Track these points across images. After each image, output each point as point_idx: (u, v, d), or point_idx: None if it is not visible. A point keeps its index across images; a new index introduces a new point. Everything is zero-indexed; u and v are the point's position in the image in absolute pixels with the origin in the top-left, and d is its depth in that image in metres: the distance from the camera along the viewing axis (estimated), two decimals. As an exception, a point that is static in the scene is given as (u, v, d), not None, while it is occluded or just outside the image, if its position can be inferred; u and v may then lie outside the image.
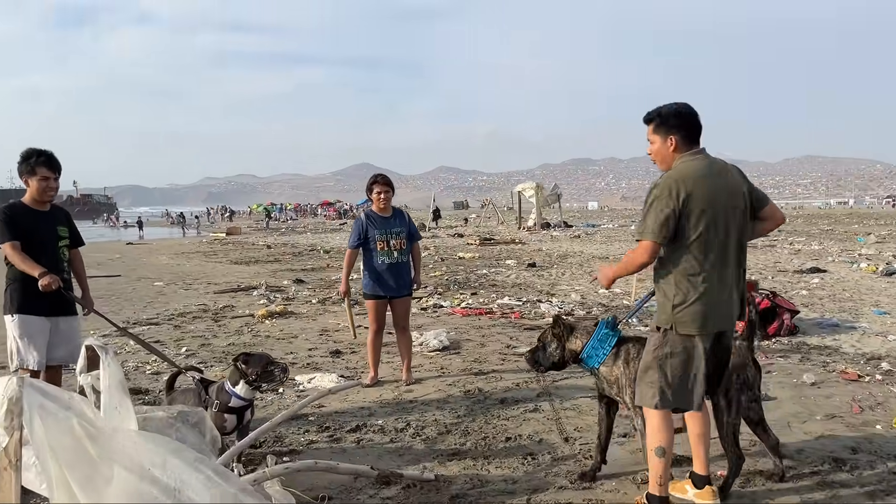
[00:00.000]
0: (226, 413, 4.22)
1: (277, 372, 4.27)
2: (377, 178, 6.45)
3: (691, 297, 3.38)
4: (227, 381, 4.31)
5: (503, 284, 14.06)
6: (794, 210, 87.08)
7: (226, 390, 4.27)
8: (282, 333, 9.35)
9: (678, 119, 3.48)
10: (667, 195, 3.34)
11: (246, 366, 4.25)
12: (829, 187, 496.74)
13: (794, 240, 24.14)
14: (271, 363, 4.28)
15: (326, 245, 27.43)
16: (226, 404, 4.24)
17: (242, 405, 4.28)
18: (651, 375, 3.51)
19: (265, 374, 4.23)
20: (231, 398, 4.24)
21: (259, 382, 4.25)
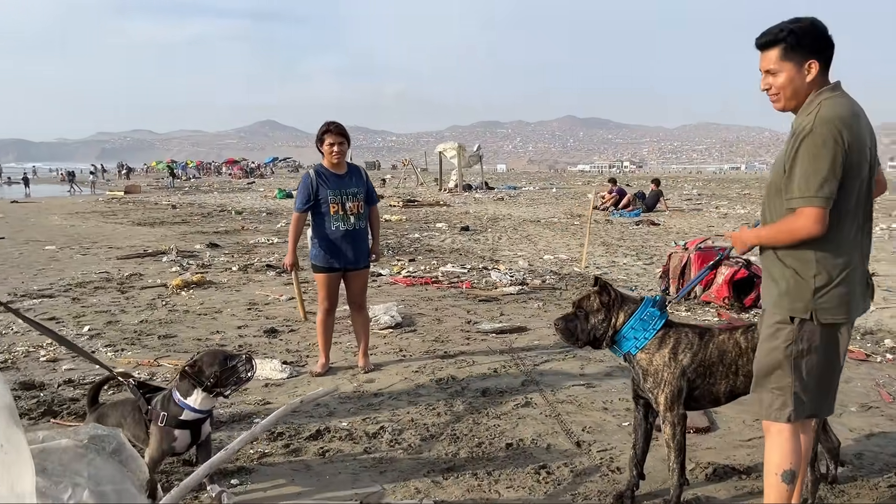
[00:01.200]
0: (176, 429, 3.24)
1: (241, 367, 3.30)
2: (329, 127, 5.35)
3: (837, 276, 2.57)
4: (175, 391, 3.31)
5: (440, 250, 13.15)
6: (696, 174, 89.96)
7: (175, 401, 3.28)
8: (202, 308, 8.13)
9: (820, 39, 2.62)
10: (832, 144, 2.49)
11: (197, 371, 3.26)
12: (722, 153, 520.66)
13: (718, 203, 24.34)
14: (228, 358, 3.31)
15: (237, 206, 25.68)
16: (176, 418, 3.25)
17: (198, 418, 3.30)
18: (780, 379, 2.68)
19: (226, 375, 3.26)
20: (183, 411, 3.26)
21: (221, 388, 3.28)
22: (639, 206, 20.78)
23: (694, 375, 3.22)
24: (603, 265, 11.12)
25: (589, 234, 11.68)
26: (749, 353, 3.22)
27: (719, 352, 3.24)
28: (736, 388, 3.26)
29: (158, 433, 3.25)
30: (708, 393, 3.27)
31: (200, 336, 6.83)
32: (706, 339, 3.26)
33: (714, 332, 3.30)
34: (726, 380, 3.24)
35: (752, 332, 3.25)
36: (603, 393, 4.99)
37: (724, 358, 3.23)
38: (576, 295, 8.61)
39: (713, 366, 3.23)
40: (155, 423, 3.26)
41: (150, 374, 5.57)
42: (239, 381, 3.31)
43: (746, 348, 3.22)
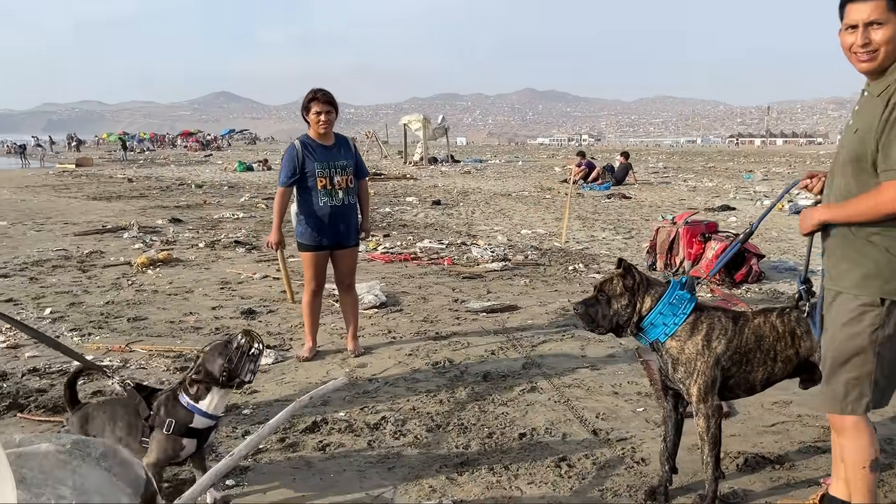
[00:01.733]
0: (185, 437, 2.90)
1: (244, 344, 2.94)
2: (316, 94, 4.95)
3: None
4: (182, 394, 2.94)
5: (414, 224, 12.82)
6: (654, 148, 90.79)
7: (183, 405, 2.92)
8: (172, 287, 7.70)
9: None
10: None
11: (205, 374, 2.92)
12: (678, 126, 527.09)
13: (685, 177, 24.39)
14: (227, 344, 2.96)
15: (197, 179, 24.88)
16: (186, 425, 2.89)
17: (210, 425, 2.97)
18: (859, 367, 2.45)
19: (240, 361, 2.91)
20: (193, 416, 2.90)
21: (238, 378, 2.93)
22: (608, 180, 20.67)
23: (729, 363, 2.98)
24: (582, 240, 10.92)
25: (568, 208, 11.46)
26: (787, 336, 3.00)
27: (756, 337, 3.00)
28: (773, 374, 3.04)
29: (164, 442, 2.87)
30: (744, 381, 3.04)
31: (173, 318, 6.42)
32: (741, 323, 3.02)
33: (748, 316, 3.07)
34: (764, 366, 3.02)
35: (787, 315, 3.03)
36: (610, 376, 4.77)
37: (761, 343, 3.00)
38: (559, 270, 8.44)
39: (750, 352, 3.00)
40: (159, 431, 2.88)
41: (123, 361, 5.18)
42: (252, 358, 2.95)
43: (784, 332, 3.01)
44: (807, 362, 3.01)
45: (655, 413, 4.10)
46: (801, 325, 2.99)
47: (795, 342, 2.99)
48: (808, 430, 3.82)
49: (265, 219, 13.73)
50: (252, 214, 14.49)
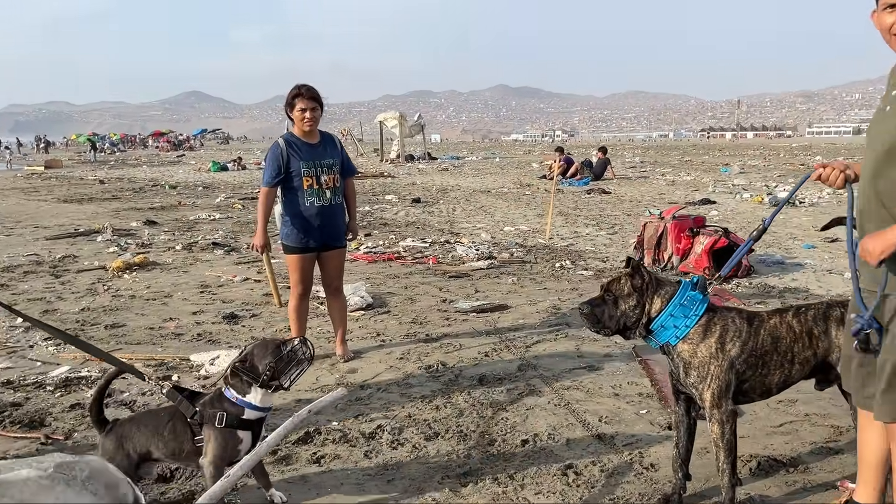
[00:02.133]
0: (239, 430, 2.80)
1: (298, 350, 2.87)
2: (300, 90, 4.76)
3: None
4: (228, 391, 2.85)
5: (395, 223, 12.64)
6: (630, 143, 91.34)
7: (231, 400, 2.82)
8: (150, 292, 7.45)
9: None
10: None
11: (250, 366, 2.84)
12: (650, 121, 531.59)
13: (662, 171, 24.46)
14: (281, 344, 2.88)
15: (170, 180, 24.43)
16: (238, 417, 2.79)
17: (261, 416, 2.89)
18: None
19: (282, 364, 2.83)
20: (244, 410, 2.81)
21: (280, 380, 2.84)
22: (587, 175, 20.65)
23: (744, 367, 2.85)
24: (566, 236, 10.83)
25: (552, 205, 11.36)
26: (804, 337, 2.89)
27: (772, 338, 2.88)
28: (790, 377, 2.92)
29: (220, 436, 2.75)
30: (759, 385, 2.92)
31: (153, 324, 6.20)
32: (756, 324, 2.90)
33: (763, 317, 2.95)
34: (780, 369, 2.90)
35: (804, 315, 2.92)
36: (609, 376, 4.65)
37: (778, 345, 2.88)
38: (546, 268, 8.31)
39: (766, 354, 2.87)
40: (211, 426, 2.76)
41: (102, 371, 4.95)
42: (300, 365, 2.86)
43: (801, 332, 2.89)
44: (823, 363, 2.90)
45: (659, 415, 3.99)
46: (818, 324, 2.89)
47: (813, 343, 2.88)
48: (817, 429, 3.73)
49: (242, 219, 13.48)
50: (229, 215, 14.21)
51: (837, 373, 2.91)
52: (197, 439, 2.79)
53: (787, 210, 13.24)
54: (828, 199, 14.58)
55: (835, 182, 2.64)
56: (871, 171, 2.37)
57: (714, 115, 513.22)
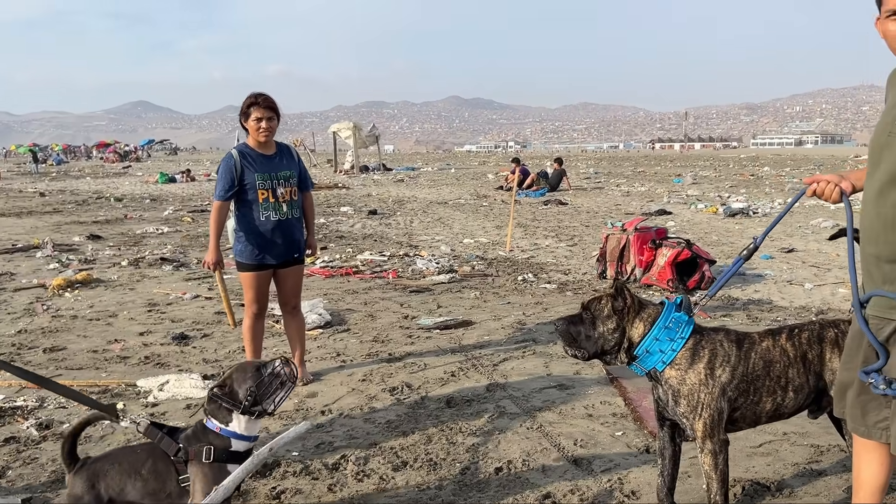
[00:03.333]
0: (228, 463, 2.54)
1: (280, 371, 2.64)
2: (256, 100, 4.50)
3: None
4: (210, 421, 2.60)
5: (352, 236, 12.37)
6: (583, 153, 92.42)
7: (214, 431, 2.58)
8: (93, 311, 7.05)
9: None
10: None
11: (229, 392, 2.61)
12: (601, 132, 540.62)
13: (617, 182, 24.66)
14: (261, 367, 2.65)
15: (116, 192, 23.66)
16: (226, 450, 2.55)
17: (249, 447, 2.65)
18: None
19: (263, 388, 2.60)
20: (230, 441, 2.58)
21: (262, 406, 2.61)
22: (543, 186, 20.67)
23: (735, 394, 2.69)
24: (527, 248, 10.72)
25: (512, 217, 11.25)
26: (798, 362, 2.74)
27: (764, 363, 2.73)
28: (783, 406, 2.77)
29: (209, 472, 2.49)
30: (750, 413, 2.76)
31: (96, 346, 5.83)
32: (745, 347, 2.74)
33: (754, 339, 2.79)
34: (773, 396, 2.74)
35: (797, 338, 2.78)
36: (580, 396, 4.49)
37: (770, 370, 2.73)
38: (509, 281, 8.11)
39: (757, 380, 2.72)
40: (197, 463, 2.50)
41: (39, 400, 4.59)
42: (283, 387, 2.64)
43: (795, 357, 2.75)
44: (817, 389, 2.77)
45: (636, 437, 3.84)
46: (812, 347, 2.75)
47: (807, 368, 2.74)
48: (797, 449, 3.62)
49: (192, 233, 13.04)
50: (178, 228, 13.74)
51: (830, 399, 2.78)
52: (182, 479, 2.52)
53: (741, 220, 13.41)
54: (779, 210, 14.79)
55: (830, 196, 2.52)
56: (875, 192, 2.24)
57: (662, 126, 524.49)
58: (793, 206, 2.97)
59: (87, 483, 2.51)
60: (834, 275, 8.16)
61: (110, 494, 2.52)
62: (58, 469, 3.61)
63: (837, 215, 13.06)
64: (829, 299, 7.00)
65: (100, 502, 2.51)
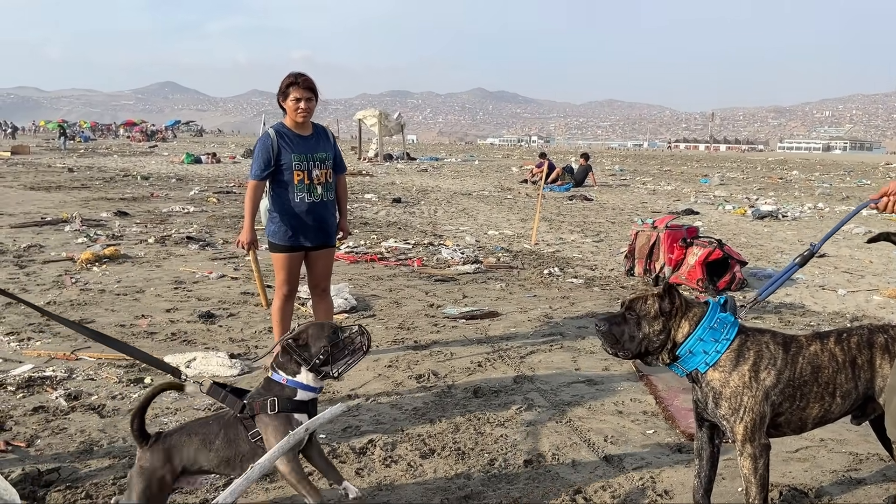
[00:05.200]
0: (295, 413, 2.61)
1: (355, 339, 2.71)
2: (296, 79, 4.46)
3: None
4: (276, 374, 2.66)
5: (376, 223, 12.35)
6: (607, 150, 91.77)
7: (279, 382, 2.65)
8: (120, 287, 7.09)
9: None
10: None
11: (303, 345, 2.66)
12: (625, 130, 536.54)
13: (643, 180, 24.44)
14: (339, 330, 2.72)
15: (142, 170, 23.85)
16: (291, 399, 2.64)
17: (313, 397, 2.73)
18: None
19: (337, 350, 2.67)
20: (296, 391, 2.66)
21: (333, 366, 2.67)
22: (568, 181, 20.52)
23: (780, 398, 2.61)
24: (552, 242, 10.63)
25: (539, 210, 11.17)
26: (847, 367, 2.66)
27: (812, 367, 2.64)
28: (830, 412, 2.68)
29: (278, 423, 2.56)
30: (796, 419, 2.68)
31: (123, 321, 5.86)
32: (793, 351, 2.66)
33: (801, 342, 2.70)
34: (820, 402, 2.65)
35: (846, 342, 2.69)
36: (610, 392, 4.43)
37: (818, 375, 2.64)
38: (534, 274, 8.04)
39: (805, 385, 2.63)
40: (264, 416, 2.57)
41: (68, 371, 4.61)
42: (353, 355, 2.70)
43: (844, 362, 2.66)
44: (864, 396, 2.69)
45: (668, 436, 3.77)
46: (862, 353, 2.67)
47: (856, 374, 2.66)
48: (835, 456, 3.54)
49: (218, 213, 13.09)
50: (203, 208, 13.80)
51: (876, 405, 2.71)
52: (252, 434, 2.59)
53: (770, 223, 13.21)
54: (809, 214, 14.59)
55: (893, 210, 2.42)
56: None
57: (688, 126, 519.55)
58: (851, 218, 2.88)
59: (163, 456, 2.56)
60: (867, 281, 8.00)
61: (185, 465, 2.59)
62: (86, 440, 3.63)
63: (870, 221, 12.82)
64: (863, 306, 6.86)
65: (174, 474, 2.57)
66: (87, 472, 3.31)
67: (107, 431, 3.75)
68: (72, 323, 2.88)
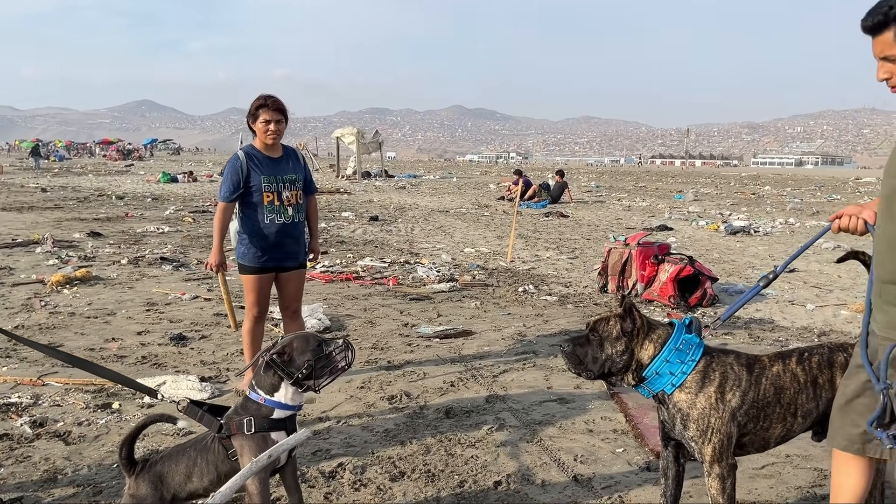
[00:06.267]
0: (271, 432, 2.61)
1: (337, 354, 2.69)
2: (266, 101, 4.48)
3: None
4: (254, 392, 2.66)
5: (352, 241, 12.33)
6: (584, 167, 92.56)
7: (256, 401, 2.63)
8: (91, 309, 7.01)
9: None
10: None
11: (287, 360, 2.65)
12: (602, 146, 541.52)
13: (618, 196, 24.66)
14: (323, 343, 2.70)
15: (118, 190, 23.65)
16: (267, 418, 2.63)
17: (291, 414, 2.72)
18: None
19: (321, 364, 2.66)
20: (273, 410, 2.65)
21: (316, 379, 2.67)
22: (545, 198, 20.66)
23: (745, 419, 2.64)
24: (528, 259, 10.68)
25: (515, 227, 11.23)
26: (808, 387, 2.70)
27: (775, 389, 2.67)
28: (792, 431, 2.72)
29: (253, 444, 2.55)
30: (759, 439, 2.71)
31: (93, 345, 5.79)
32: (756, 372, 2.69)
33: (764, 363, 2.73)
34: (783, 422, 2.69)
35: (807, 362, 2.73)
36: (581, 411, 4.45)
37: (781, 396, 2.67)
38: (509, 292, 8.04)
39: (768, 406, 2.66)
40: (240, 435, 2.56)
41: (34, 397, 4.54)
42: (335, 370, 2.68)
43: (806, 382, 2.70)
44: (825, 414, 2.73)
45: (636, 454, 3.80)
46: (823, 372, 2.71)
47: (817, 393, 2.70)
48: (800, 472, 3.58)
49: (193, 233, 13.01)
50: (178, 228, 13.71)
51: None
52: (231, 453, 2.59)
53: (743, 239, 13.38)
54: (781, 229, 14.79)
55: (856, 229, 2.47)
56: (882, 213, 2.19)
57: (664, 142, 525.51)
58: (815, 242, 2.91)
59: (151, 485, 2.56)
60: (836, 296, 8.13)
61: (174, 492, 2.58)
62: (50, 468, 3.57)
63: (840, 236, 13.03)
64: (831, 321, 6.96)
65: (164, 502, 2.57)
66: (50, 500, 3.26)
67: (72, 459, 3.70)
68: (41, 346, 2.86)
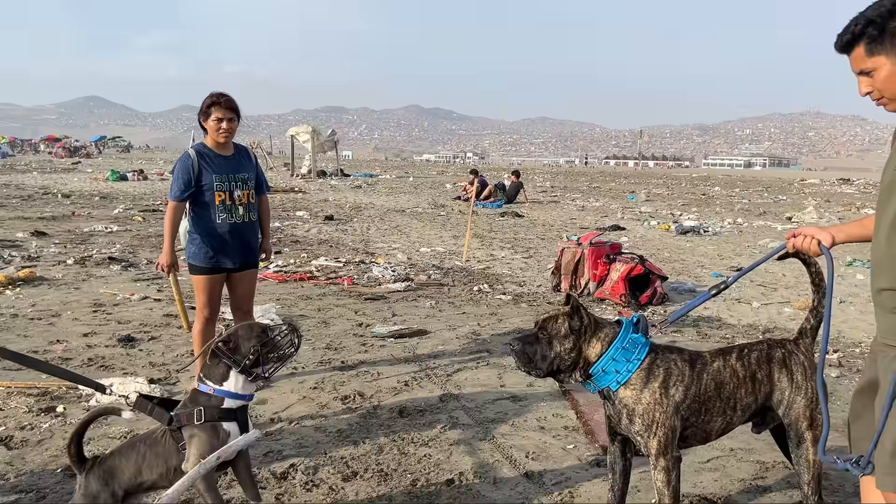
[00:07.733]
0: (223, 422, 2.57)
1: (282, 339, 2.68)
2: (218, 99, 4.41)
3: None
4: (203, 383, 2.64)
5: (307, 241, 12.24)
6: (540, 167, 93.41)
7: (206, 392, 2.60)
8: (35, 310, 6.82)
9: None
10: None
11: (233, 347, 2.64)
12: (557, 147, 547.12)
13: (573, 196, 24.95)
14: (267, 329, 2.70)
15: (64, 188, 23.00)
16: (218, 408, 2.61)
17: (243, 404, 2.70)
18: None
19: (267, 350, 2.65)
20: (223, 399, 2.63)
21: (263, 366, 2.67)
22: (500, 198, 20.79)
23: (688, 413, 2.72)
24: (483, 259, 10.75)
25: (470, 227, 11.28)
26: (747, 382, 2.79)
27: (716, 384, 2.76)
28: (731, 423, 2.82)
29: (202, 434, 2.51)
30: (701, 431, 2.80)
31: (37, 347, 5.63)
32: (698, 367, 2.77)
33: (706, 359, 2.82)
34: (723, 416, 2.78)
35: (747, 358, 2.83)
36: (533, 408, 4.50)
37: (721, 390, 2.76)
38: (464, 291, 8.10)
39: (709, 400, 2.74)
40: (191, 426, 2.52)
41: (-26, 402, 4.40)
42: (282, 357, 2.69)
43: (745, 377, 2.79)
44: (763, 406, 2.83)
45: (586, 450, 3.86)
46: (761, 368, 2.81)
47: (756, 388, 2.79)
48: (743, 465, 3.68)
49: (142, 232, 12.75)
50: (127, 227, 13.42)
51: (774, 415, 2.85)
52: (181, 445, 2.56)
53: (693, 238, 13.67)
54: (729, 230, 15.17)
55: (809, 249, 2.54)
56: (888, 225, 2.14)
57: (618, 143, 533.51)
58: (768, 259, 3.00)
59: (101, 481, 2.54)
60: (780, 294, 8.37)
61: (125, 488, 2.55)
62: (-9, 474, 3.47)
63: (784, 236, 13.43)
64: (775, 318, 7.18)
65: (115, 499, 2.53)
66: None
67: (14, 464, 3.60)
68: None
